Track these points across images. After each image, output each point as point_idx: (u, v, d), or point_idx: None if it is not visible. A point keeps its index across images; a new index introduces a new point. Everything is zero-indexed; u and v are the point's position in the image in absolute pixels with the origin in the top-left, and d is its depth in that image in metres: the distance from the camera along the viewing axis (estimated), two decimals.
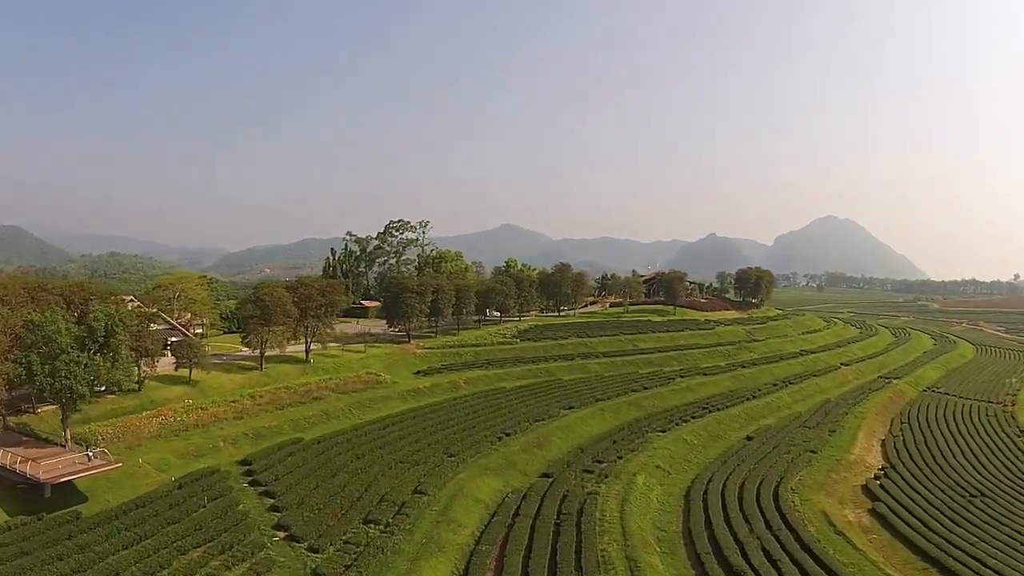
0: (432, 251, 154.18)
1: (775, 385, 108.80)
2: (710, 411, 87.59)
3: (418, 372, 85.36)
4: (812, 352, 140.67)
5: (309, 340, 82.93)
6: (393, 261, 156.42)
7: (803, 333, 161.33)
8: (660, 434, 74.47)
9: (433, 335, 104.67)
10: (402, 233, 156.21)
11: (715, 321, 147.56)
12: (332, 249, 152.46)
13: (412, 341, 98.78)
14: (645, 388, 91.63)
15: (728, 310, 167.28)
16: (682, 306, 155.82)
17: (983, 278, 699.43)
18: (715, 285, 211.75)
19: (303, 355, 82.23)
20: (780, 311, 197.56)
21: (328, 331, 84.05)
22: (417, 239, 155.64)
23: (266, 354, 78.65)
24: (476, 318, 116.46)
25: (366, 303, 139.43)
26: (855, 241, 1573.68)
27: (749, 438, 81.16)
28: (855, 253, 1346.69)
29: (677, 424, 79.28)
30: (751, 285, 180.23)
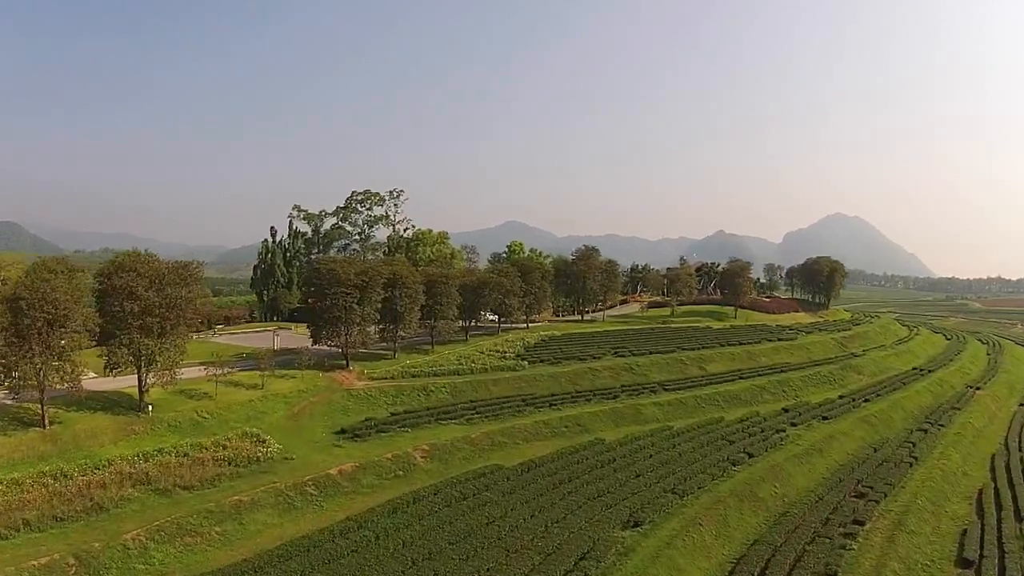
0: (406, 230, 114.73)
1: (923, 431, 69.88)
2: (869, 499, 48.67)
3: (342, 432, 46.56)
4: (926, 370, 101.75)
5: (143, 372, 44.76)
6: (357, 246, 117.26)
7: (896, 343, 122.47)
8: None
9: (389, 354, 66.05)
10: (369, 208, 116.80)
11: (790, 327, 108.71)
12: (272, 228, 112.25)
13: (352, 365, 60.30)
14: (749, 455, 52.28)
15: (797, 312, 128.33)
16: (742, 307, 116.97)
17: (1009, 275, 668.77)
18: (762, 280, 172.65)
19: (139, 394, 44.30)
20: (850, 312, 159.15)
21: (173, 355, 45.29)
22: (388, 215, 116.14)
23: (81, 391, 41.44)
24: (462, 325, 77.71)
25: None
26: (864, 239, 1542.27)
27: (967, 562, 42.42)
28: (865, 251, 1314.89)
29: (840, 547, 40.05)
30: (822, 280, 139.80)
